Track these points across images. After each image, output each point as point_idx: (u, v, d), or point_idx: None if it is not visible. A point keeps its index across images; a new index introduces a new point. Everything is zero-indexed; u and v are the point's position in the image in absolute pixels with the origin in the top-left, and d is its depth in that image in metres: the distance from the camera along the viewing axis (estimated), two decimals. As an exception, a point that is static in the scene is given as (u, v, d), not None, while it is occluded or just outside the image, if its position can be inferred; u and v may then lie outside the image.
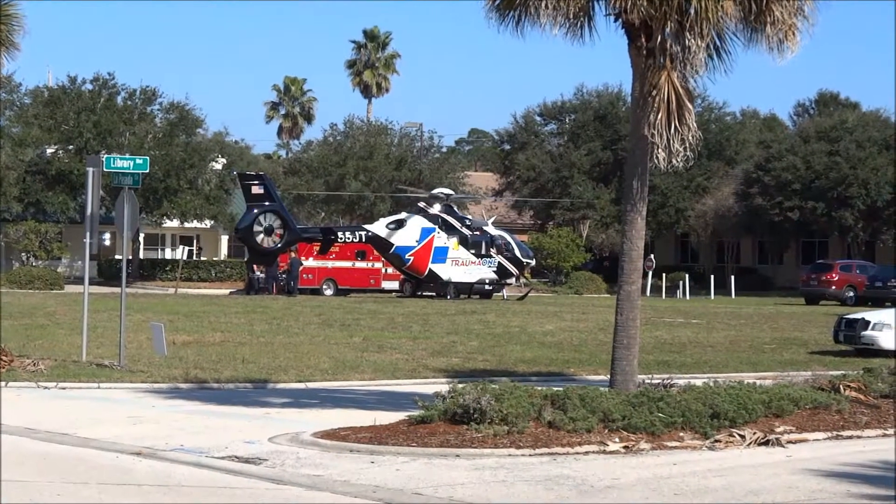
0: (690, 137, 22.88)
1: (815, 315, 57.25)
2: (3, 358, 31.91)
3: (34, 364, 32.21)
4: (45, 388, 29.86)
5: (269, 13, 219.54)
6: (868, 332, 40.80)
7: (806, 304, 72.35)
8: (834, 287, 75.13)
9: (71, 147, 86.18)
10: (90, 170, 35.80)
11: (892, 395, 25.64)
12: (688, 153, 22.91)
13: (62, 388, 29.88)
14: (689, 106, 23.01)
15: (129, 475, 19.41)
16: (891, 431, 23.87)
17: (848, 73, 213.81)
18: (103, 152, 52.03)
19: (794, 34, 22.79)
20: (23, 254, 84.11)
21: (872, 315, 42.89)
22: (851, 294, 72.55)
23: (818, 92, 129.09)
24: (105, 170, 36.16)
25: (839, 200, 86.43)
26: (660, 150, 22.73)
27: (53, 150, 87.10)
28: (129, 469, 19.91)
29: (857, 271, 77.00)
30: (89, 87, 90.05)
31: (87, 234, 36.10)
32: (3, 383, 29.90)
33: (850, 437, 23.19)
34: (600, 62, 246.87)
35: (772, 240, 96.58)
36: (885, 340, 40.04)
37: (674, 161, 22.83)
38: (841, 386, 25.74)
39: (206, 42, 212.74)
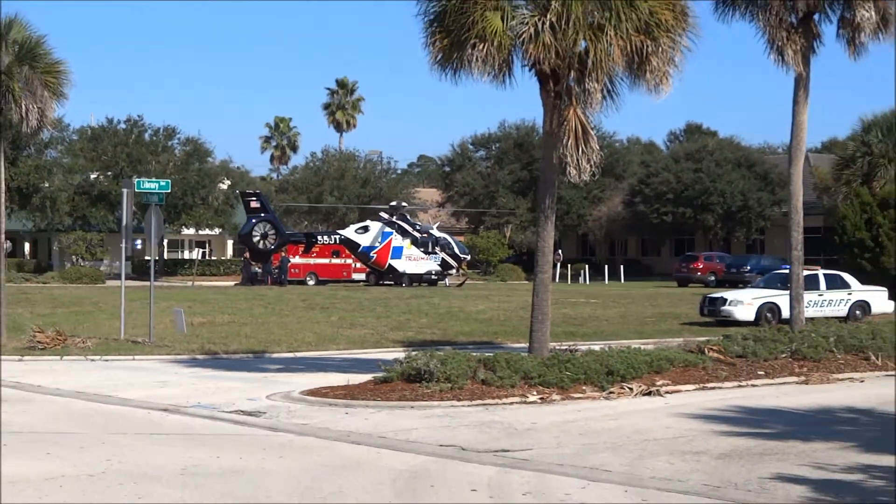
0: (594, 157, 22.89)
1: (685, 295, 57.40)
2: (59, 337, 31.76)
3: (83, 342, 32.10)
4: (92, 360, 29.70)
5: (264, 67, 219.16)
6: (726, 308, 41.04)
7: (678, 286, 72.56)
8: (699, 273, 75.45)
9: (109, 173, 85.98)
10: (125, 190, 35.67)
11: (745, 355, 25.83)
12: (592, 169, 22.90)
13: (105, 360, 29.76)
14: (592, 133, 22.99)
15: (158, 426, 19.35)
16: (745, 383, 24.08)
17: (709, 108, 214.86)
18: (134, 177, 51.76)
19: (667, 79, 22.78)
20: (73, 256, 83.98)
21: (729, 294, 43.15)
22: (713, 278, 72.77)
23: (686, 123, 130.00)
24: (136, 190, 36.04)
25: (703, 207, 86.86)
26: (571, 168, 22.72)
27: (95, 176, 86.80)
28: (158, 422, 19.84)
29: (717, 261, 77.30)
30: (123, 126, 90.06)
31: (123, 240, 36.08)
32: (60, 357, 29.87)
33: (713, 388, 23.41)
34: (518, 102, 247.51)
35: (651, 237, 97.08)
36: (739, 314, 40.33)
37: (582, 175, 22.83)
38: (706, 349, 25.89)
39: (215, 89, 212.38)
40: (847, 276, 44.39)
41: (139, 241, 67.34)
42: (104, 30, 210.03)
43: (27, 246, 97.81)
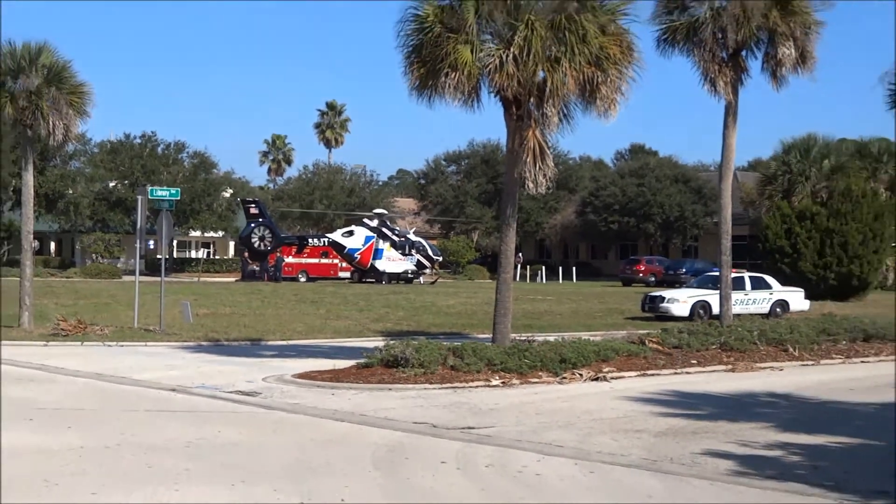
0: (550, 173, 22.97)
1: (629, 294, 57.50)
2: (80, 325, 31.65)
3: (101, 329, 31.98)
4: (109, 346, 29.55)
5: (264, 92, 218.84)
6: (664, 305, 41.11)
7: (623, 286, 72.67)
8: (641, 274, 75.73)
9: (126, 182, 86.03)
10: (139, 197, 35.52)
11: (680, 346, 25.95)
12: (548, 183, 22.97)
13: (121, 345, 29.61)
14: (549, 152, 23.06)
15: (166, 404, 19.28)
16: (680, 370, 24.12)
17: (651, 130, 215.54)
18: (148, 185, 51.58)
19: (615, 105, 22.84)
20: (93, 254, 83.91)
21: (667, 293, 43.23)
22: (653, 279, 73.01)
23: (631, 143, 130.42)
24: (149, 197, 35.88)
25: (644, 217, 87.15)
26: (529, 182, 22.81)
27: (114, 184, 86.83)
28: (167, 400, 19.78)
29: (657, 264, 77.55)
30: (138, 140, 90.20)
31: (138, 241, 35.99)
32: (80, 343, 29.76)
33: (653, 375, 23.44)
34: (484, 123, 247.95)
35: (600, 243, 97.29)
36: (676, 310, 40.40)
37: (539, 188, 22.94)
38: (646, 340, 25.96)
39: (221, 110, 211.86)
40: (769, 279, 44.62)
41: (151, 242, 67.08)
42: (126, 56, 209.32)
43: (53, 245, 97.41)
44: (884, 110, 40.36)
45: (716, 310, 34.69)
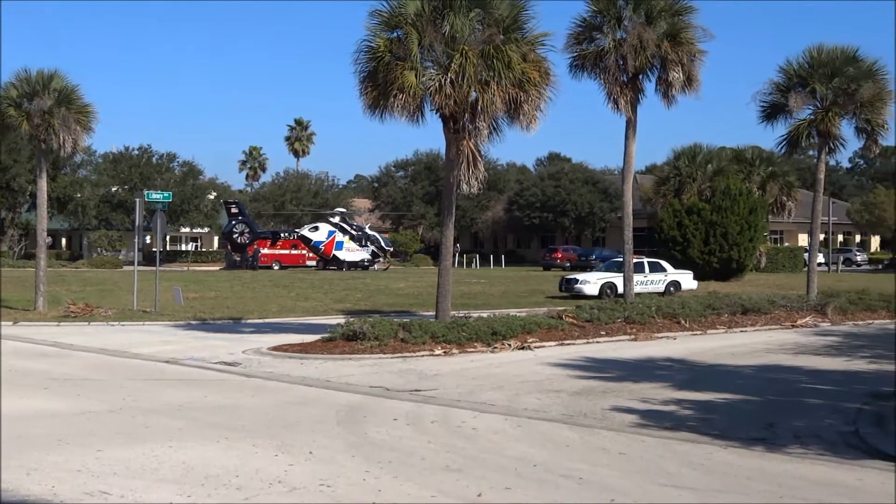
0: (481, 176, 22.96)
1: (548, 277, 57.83)
2: (87, 308, 31.33)
3: (106, 311, 31.63)
4: (112, 325, 29.23)
5: (242, 110, 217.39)
6: (577, 285, 41.30)
7: (543, 270, 72.97)
8: (559, 260, 75.90)
9: (126, 186, 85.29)
10: (137, 200, 35.27)
11: (591, 320, 25.94)
12: (480, 185, 22.99)
13: (122, 325, 29.28)
14: (481, 160, 23.05)
15: (162, 373, 19.09)
16: (591, 340, 24.19)
17: (566, 140, 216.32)
18: (145, 190, 51.26)
19: (535, 120, 22.83)
20: (98, 248, 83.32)
21: (580, 275, 43.48)
22: (568, 264, 73.19)
23: (549, 151, 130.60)
24: (146, 200, 35.64)
25: (561, 213, 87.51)
26: (464, 184, 22.76)
27: (116, 189, 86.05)
28: (162, 370, 19.59)
29: (571, 251, 77.82)
30: (136, 152, 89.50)
31: (136, 236, 35.68)
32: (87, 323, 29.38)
33: (569, 344, 23.48)
34: (427, 135, 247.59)
35: (524, 235, 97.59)
36: (587, 290, 40.60)
37: (473, 190, 22.95)
38: (563, 315, 25.95)
39: (206, 125, 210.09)
40: (664, 263, 44.93)
41: (148, 237, 66.64)
42: (126, 77, 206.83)
43: (64, 241, 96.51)
44: (756, 123, 40.73)
45: (620, 289, 34.87)
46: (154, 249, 37.19)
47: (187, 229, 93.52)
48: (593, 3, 29.31)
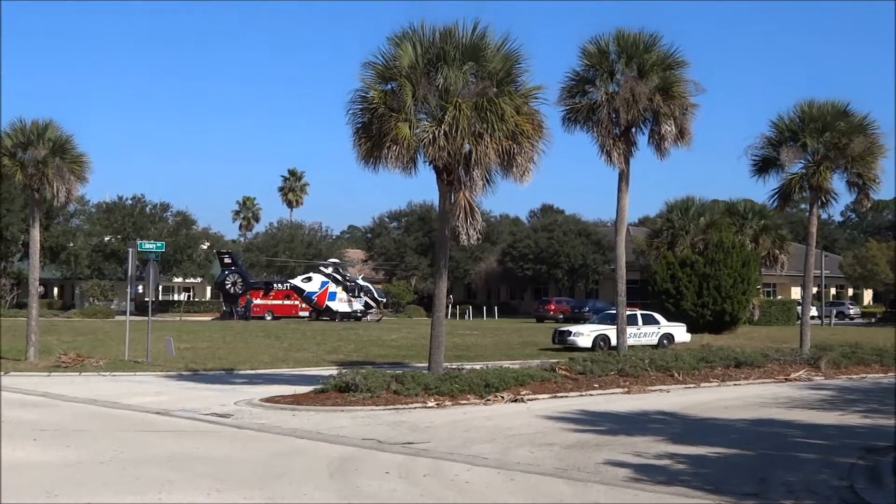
0: (479, 228, 23.04)
1: (541, 328, 57.70)
2: (79, 358, 31.29)
3: (97, 361, 31.56)
4: (103, 375, 29.11)
5: (236, 161, 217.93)
6: (571, 338, 41.22)
7: (537, 322, 72.83)
8: (552, 312, 75.75)
9: (119, 236, 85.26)
10: (130, 250, 35.31)
11: (585, 372, 25.85)
12: (478, 236, 23.04)
13: (113, 375, 29.14)
14: (476, 210, 23.09)
15: (152, 425, 18.97)
16: (584, 393, 24.13)
17: (559, 192, 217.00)
18: (137, 239, 51.32)
19: (529, 172, 22.91)
20: (90, 298, 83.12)
21: (573, 328, 43.37)
22: (561, 316, 73.12)
23: (542, 203, 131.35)
24: (139, 249, 35.59)
25: (554, 264, 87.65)
26: (462, 235, 22.82)
27: (109, 238, 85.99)
28: (153, 421, 19.46)
29: (564, 303, 77.72)
30: (129, 202, 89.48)
31: (129, 286, 35.65)
32: (78, 373, 29.24)
33: (562, 397, 23.42)
34: (421, 186, 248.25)
35: (517, 286, 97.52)
36: (581, 342, 40.52)
37: (471, 241, 22.99)
38: (556, 368, 25.92)
39: (200, 175, 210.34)
40: (657, 315, 44.94)
41: (140, 287, 66.55)
42: (121, 126, 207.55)
43: (56, 290, 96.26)
44: (748, 176, 40.98)
45: (614, 342, 34.84)
46: (146, 299, 37.05)
47: (180, 279, 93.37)
48: (586, 57, 29.57)
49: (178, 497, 11.88)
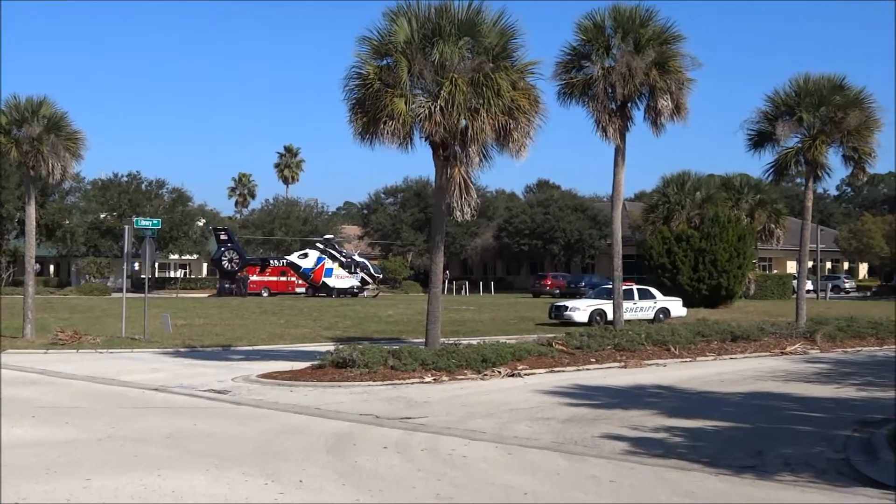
0: (474, 204, 23.02)
1: (538, 304, 57.70)
2: (76, 335, 31.24)
3: (94, 339, 31.54)
4: (100, 352, 29.11)
5: (233, 137, 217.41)
6: (567, 313, 41.30)
7: (533, 297, 72.89)
8: (548, 287, 75.80)
9: (115, 213, 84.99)
10: (126, 227, 35.29)
11: (581, 347, 25.93)
12: (473, 212, 23.01)
13: (110, 352, 29.16)
14: (473, 186, 23.07)
15: (151, 401, 18.99)
16: (581, 367, 24.19)
17: (555, 167, 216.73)
18: (134, 216, 51.24)
19: (525, 148, 22.91)
20: (86, 275, 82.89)
21: (570, 302, 43.45)
22: (558, 291, 73.22)
23: (538, 178, 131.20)
24: (135, 227, 35.54)
25: (550, 240, 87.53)
26: (457, 211, 22.81)
27: (104, 216, 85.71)
28: (151, 398, 19.48)
29: (561, 278, 77.75)
30: (125, 179, 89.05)
31: (125, 263, 35.50)
32: (76, 350, 29.24)
33: (559, 371, 23.48)
34: (417, 162, 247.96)
35: (513, 261, 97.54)
36: (577, 317, 40.61)
37: (465, 216, 22.95)
38: (553, 343, 25.98)
39: (197, 152, 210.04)
40: (653, 290, 45.00)
41: (136, 264, 66.48)
42: (116, 104, 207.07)
43: (52, 267, 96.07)
44: (744, 151, 40.95)
45: (610, 316, 34.90)
46: (143, 276, 37.11)
47: (176, 256, 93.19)
48: (582, 32, 29.49)
49: (178, 474, 11.89)
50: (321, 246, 78.43)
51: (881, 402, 18.69)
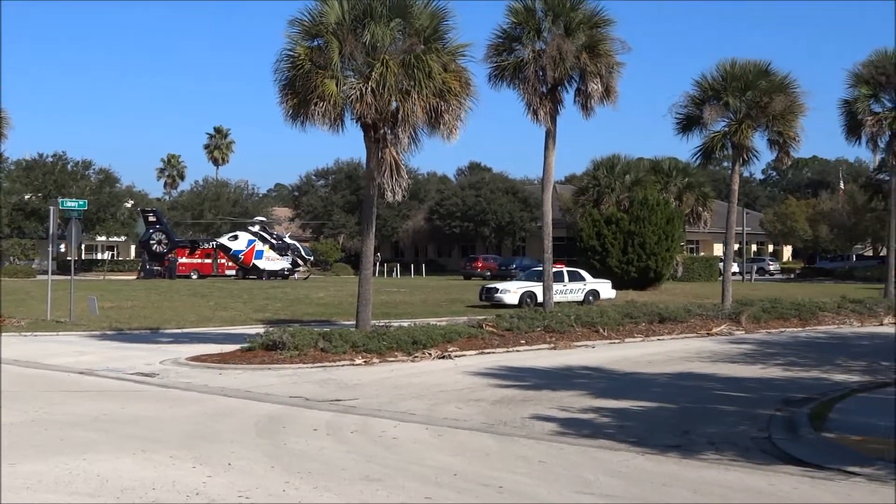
0: (405, 185, 22.96)
1: (469, 286, 57.89)
2: None
3: (18, 322, 31.02)
4: (25, 336, 28.63)
5: (160, 117, 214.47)
6: (498, 295, 41.50)
7: (464, 279, 72.94)
8: (479, 269, 75.91)
9: (40, 194, 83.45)
10: (51, 208, 34.68)
11: (511, 329, 26.06)
12: (403, 193, 22.96)
13: (35, 335, 28.68)
14: (403, 167, 23.01)
15: (78, 385, 18.74)
16: (511, 349, 24.33)
17: (486, 150, 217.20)
18: (59, 198, 50.29)
19: (456, 130, 22.86)
20: (10, 257, 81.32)
21: (500, 284, 43.66)
22: (489, 273, 73.28)
23: (469, 161, 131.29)
24: (60, 208, 34.94)
25: (481, 222, 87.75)
26: (388, 192, 22.75)
27: (29, 196, 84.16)
28: (78, 381, 19.22)
29: (492, 261, 77.92)
30: (51, 159, 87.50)
31: (50, 245, 34.95)
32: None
33: (489, 353, 23.61)
34: (348, 144, 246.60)
35: (445, 244, 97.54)
36: (507, 299, 40.83)
37: (396, 197, 22.91)
38: (483, 324, 26.08)
39: (124, 131, 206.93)
40: (583, 272, 45.38)
41: (62, 246, 65.43)
42: (42, 83, 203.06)
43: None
44: (673, 135, 41.44)
45: (540, 298, 35.09)
46: (68, 258, 36.53)
47: (103, 238, 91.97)
48: (513, 15, 29.54)
49: (104, 458, 11.75)
50: (252, 228, 77.81)
51: (803, 381, 19.10)
